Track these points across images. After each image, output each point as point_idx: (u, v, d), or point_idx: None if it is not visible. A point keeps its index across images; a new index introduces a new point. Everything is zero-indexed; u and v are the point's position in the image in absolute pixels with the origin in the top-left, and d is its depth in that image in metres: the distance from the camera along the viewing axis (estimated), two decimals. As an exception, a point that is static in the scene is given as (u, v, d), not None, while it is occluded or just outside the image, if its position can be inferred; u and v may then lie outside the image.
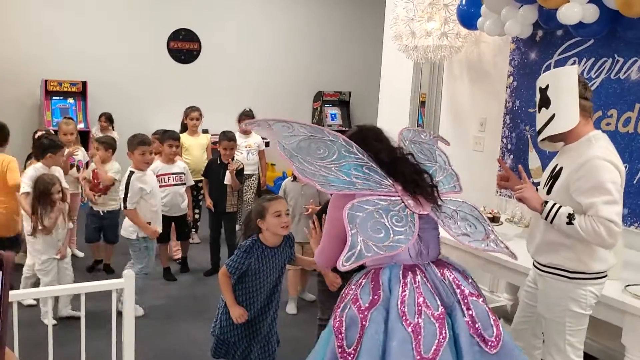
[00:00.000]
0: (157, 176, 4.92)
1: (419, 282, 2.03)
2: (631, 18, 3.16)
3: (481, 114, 4.68)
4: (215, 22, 8.40)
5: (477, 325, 1.99)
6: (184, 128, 5.94)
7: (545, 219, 2.44)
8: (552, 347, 2.55)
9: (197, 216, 5.95)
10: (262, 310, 2.88)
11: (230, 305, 2.79)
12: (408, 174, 2.15)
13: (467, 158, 4.78)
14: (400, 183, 2.12)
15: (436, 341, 1.91)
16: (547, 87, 2.53)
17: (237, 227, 5.48)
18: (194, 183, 5.25)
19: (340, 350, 1.96)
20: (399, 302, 1.97)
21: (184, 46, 8.29)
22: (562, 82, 2.49)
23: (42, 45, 7.45)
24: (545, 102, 2.53)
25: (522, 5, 3.63)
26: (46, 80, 7.32)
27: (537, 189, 2.68)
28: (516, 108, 4.35)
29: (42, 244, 3.90)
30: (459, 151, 4.92)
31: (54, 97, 7.41)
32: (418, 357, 1.87)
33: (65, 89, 7.41)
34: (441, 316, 1.96)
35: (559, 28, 3.79)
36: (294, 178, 4.25)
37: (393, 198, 2.08)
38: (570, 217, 2.33)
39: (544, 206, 2.44)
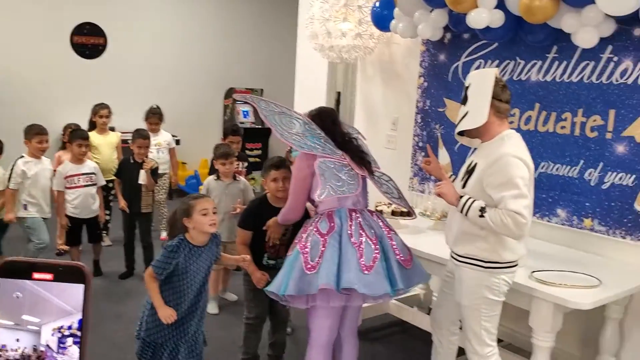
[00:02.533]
0: (66, 177, 4.75)
1: (359, 219, 2.82)
2: (532, 24, 3.41)
3: (393, 113, 4.85)
4: (121, 16, 8.11)
5: (396, 249, 2.82)
6: (92, 126, 5.71)
7: (461, 212, 2.60)
8: (469, 332, 2.72)
9: (107, 218, 5.77)
10: (190, 310, 2.86)
11: (159, 307, 2.74)
12: (354, 151, 2.98)
13: (380, 156, 4.89)
14: (349, 155, 2.93)
15: (373, 254, 2.70)
16: (469, 85, 2.70)
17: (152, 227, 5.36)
18: (105, 183, 5.09)
19: (305, 263, 2.66)
20: (347, 230, 2.74)
21: (88, 41, 7.94)
22: (480, 82, 2.65)
23: None
24: (465, 100, 2.69)
25: (433, 9, 3.81)
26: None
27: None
28: (427, 108, 4.55)
29: None
30: (372, 149, 5.07)
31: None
32: (362, 263, 2.64)
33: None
34: (375, 240, 2.77)
35: (468, 32, 4.01)
36: (218, 177, 4.23)
37: (344, 162, 2.90)
38: (482, 211, 2.49)
39: (460, 200, 2.60)
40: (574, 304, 2.71)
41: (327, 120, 3.00)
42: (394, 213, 3.84)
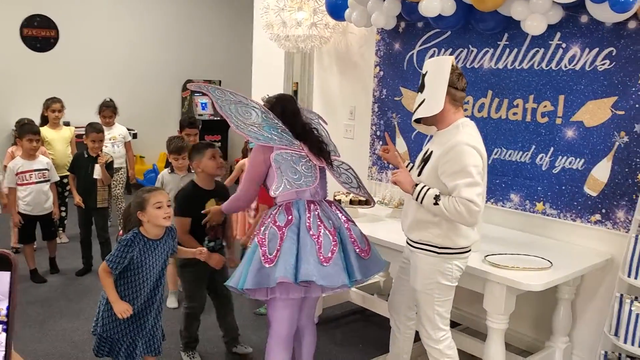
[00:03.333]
0: (17, 174, 4.64)
1: (318, 210, 2.82)
2: (483, 12, 3.46)
3: (351, 102, 4.87)
4: (73, 8, 7.90)
5: (354, 240, 2.84)
6: (45, 121, 5.56)
7: (416, 200, 2.63)
8: (423, 317, 2.77)
9: (63, 214, 5.65)
10: (146, 304, 2.83)
11: (114, 301, 2.71)
12: (313, 141, 2.91)
13: (339, 145, 4.92)
14: (307, 146, 2.87)
15: (331, 246, 2.71)
16: (426, 73, 2.71)
17: (109, 223, 5.27)
18: (59, 179, 4.97)
19: (264, 256, 2.66)
20: (306, 222, 2.74)
21: (39, 33, 7.71)
22: (436, 70, 2.67)
23: None
24: (422, 87, 2.71)
25: (386, -2, 3.83)
26: None
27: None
28: (384, 97, 4.58)
29: None
30: (332, 139, 5.10)
31: None
32: (320, 256, 2.65)
33: None
34: (333, 232, 2.77)
35: (421, 20, 4.05)
36: (172, 170, 4.18)
37: (302, 154, 2.85)
38: (437, 199, 2.52)
39: (415, 188, 2.63)
40: (526, 285, 2.78)
41: (287, 109, 2.93)
42: (352, 202, 3.86)
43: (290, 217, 2.75)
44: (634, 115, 3.21)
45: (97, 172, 4.72)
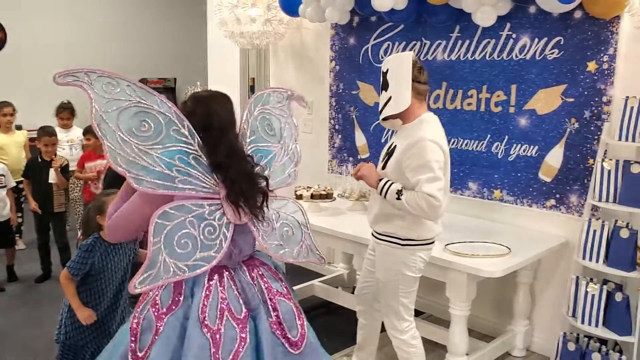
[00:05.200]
0: (-31, 181, 4.50)
1: (224, 284, 1.97)
2: (435, 5, 3.52)
3: (308, 97, 4.86)
4: (21, 9, 7.68)
5: (282, 326, 2.01)
6: (-4, 126, 5.42)
7: (380, 194, 2.67)
8: (388, 308, 2.81)
9: (20, 220, 5.51)
10: (110, 309, 2.80)
11: (77, 308, 2.67)
12: (239, 181, 1.95)
13: (299, 139, 4.96)
14: (227, 187, 1.94)
15: (236, 345, 1.88)
16: (387, 71, 2.73)
17: (67, 227, 5.16)
18: (15, 184, 4.85)
19: (132, 352, 1.89)
20: (200, 308, 1.90)
21: (-16, 35, 7.51)
22: (398, 67, 2.68)
23: None
24: (385, 85, 2.73)
25: (339, -7, 3.85)
26: None
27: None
28: (340, 91, 4.61)
29: None
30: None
31: None
32: None
33: None
34: (244, 320, 1.94)
35: (374, 14, 4.08)
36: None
37: (212, 203, 1.93)
38: (399, 193, 2.56)
39: (379, 183, 2.67)
40: (487, 272, 2.85)
41: (211, 119, 1.99)
42: (313, 196, 3.88)
43: (177, 297, 1.93)
44: (583, 102, 3.32)
45: (52, 176, 4.61)
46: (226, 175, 1.94)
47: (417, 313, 3.81)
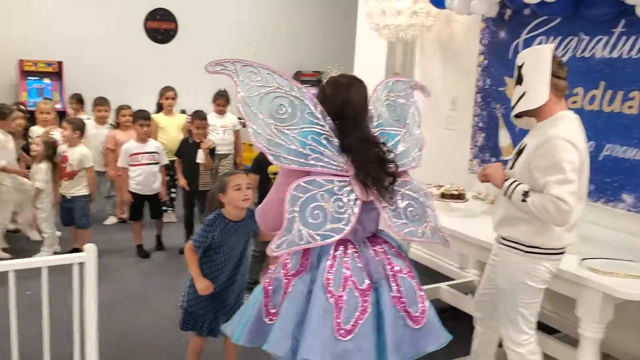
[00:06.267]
0: (130, 156, 4.95)
1: (349, 256, 2.05)
2: (593, -4, 3.20)
3: (453, 92, 4.71)
4: (192, 1, 8.32)
5: (403, 301, 2.06)
6: (160, 108, 5.92)
7: (505, 195, 2.49)
8: (506, 318, 2.62)
9: (173, 195, 5.97)
10: (228, 283, 2.92)
11: (196, 278, 2.83)
12: (368, 164, 2.03)
13: (439, 136, 4.82)
14: (355, 167, 2.03)
15: (357, 314, 1.97)
16: (522, 64, 2.56)
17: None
18: (168, 162, 5.25)
19: (266, 308, 2.09)
20: (325, 274, 2.00)
21: (160, 26, 8.23)
22: (535, 60, 2.51)
23: (17, 25, 7.37)
24: (519, 80, 2.56)
25: (488, -16, 3.65)
26: (21, 60, 7.26)
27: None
28: (487, 87, 4.39)
29: None
30: (431, 130, 4.95)
31: (29, 77, 7.34)
32: (337, 328, 1.94)
33: (41, 69, 7.36)
34: (366, 291, 2.01)
35: (524, 7, 3.82)
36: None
37: (341, 180, 2.02)
38: (525, 195, 2.37)
39: (504, 183, 2.49)
40: (625, 294, 2.54)
41: (344, 105, 2.07)
42: (444, 195, 3.73)
43: (305, 263, 2.07)
44: None
45: (201, 156, 4.93)
46: (355, 158, 2.04)
47: (551, 331, 3.53)
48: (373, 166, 2.04)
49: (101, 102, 5.98)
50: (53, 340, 2.51)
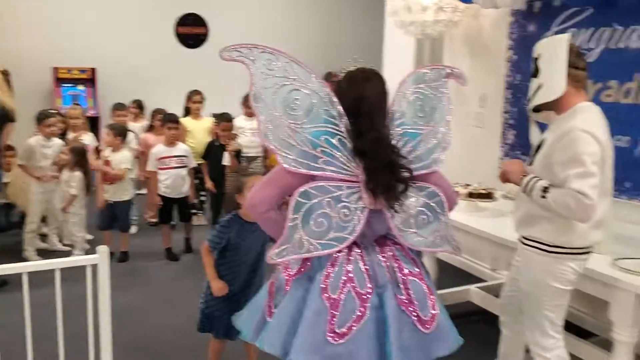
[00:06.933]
0: (158, 159, 4.97)
1: (351, 259, 1.97)
2: (625, -17, 3.05)
3: (481, 89, 4.58)
4: (222, 6, 8.38)
5: (413, 304, 1.97)
6: (187, 112, 5.94)
7: (524, 192, 2.38)
8: (531, 321, 2.50)
9: (203, 198, 5.98)
10: (246, 284, 2.88)
11: (211, 279, 2.81)
12: (380, 171, 1.91)
13: (467, 135, 4.70)
14: (367, 174, 1.91)
15: (354, 317, 1.89)
16: (539, 56, 2.47)
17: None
18: (196, 165, 5.26)
19: (268, 307, 2.07)
20: (324, 275, 1.94)
21: (191, 31, 8.30)
22: (551, 51, 2.41)
23: (51, 33, 7.56)
24: (536, 72, 2.47)
25: (514, -25, 3.53)
26: (56, 68, 7.43)
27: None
28: (517, 82, 4.25)
29: None
30: (460, 128, 4.84)
31: (64, 84, 7.52)
32: (329, 330, 1.87)
33: (75, 76, 7.53)
34: (366, 295, 1.93)
35: (554, -3, 3.68)
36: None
37: (350, 186, 1.92)
38: (545, 191, 2.26)
39: (522, 180, 2.39)
40: (660, 296, 2.40)
41: (361, 102, 1.94)
42: (471, 195, 3.61)
43: (305, 264, 2.02)
44: None
45: (227, 159, 4.93)
46: (368, 163, 1.92)
47: (587, 334, 3.38)
48: (384, 173, 1.91)
49: (119, 107, 6.03)
50: (70, 342, 2.51)
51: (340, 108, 1.93)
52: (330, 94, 1.93)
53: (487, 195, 3.63)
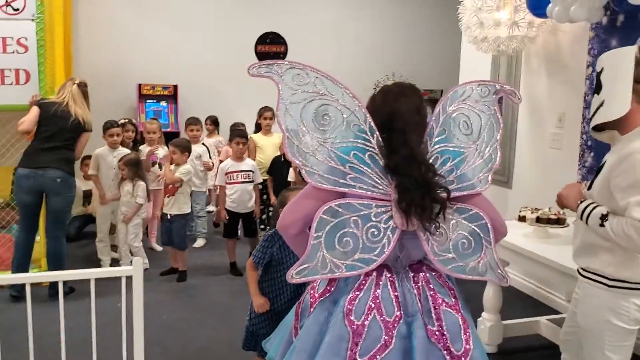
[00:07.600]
0: (226, 174, 5.02)
1: (381, 283, 1.84)
2: None
3: (559, 108, 4.32)
4: (300, 25, 8.49)
5: (445, 337, 1.81)
6: (258, 128, 6.00)
7: (580, 219, 2.17)
8: (591, 360, 2.26)
9: (271, 214, 5.98)
10: (291, 302, 2.78)
11: (253, 295, 2.77)
12: (413, 190, 1.76)
13: (543, 156, 4.44)
14: (399, 193, 1.78)
15: (378, 346, 1.76)
16: (602, 70, 2.26)
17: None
18: (262, 180, 5.28)
19: (295, 329, 2.02)
20: (348, 300, 1.82)
21: (271, 49, 8.45)
22: (616, 65, 2.19)
23: (137, 52, 7.92)
24: (598, 87, 2.25)
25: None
26: (140, 85, 7.76)
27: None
28: (597, 102, 3.96)
29: None
30: (535, 149, 4.58)
31: (147, 100, 7.84)
32: (349, 358, 1.75)
33: (158, 93, 7.84)
34: (393, 324, 1.79)
35: (634, 11, 3.40)
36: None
37: (381, 205, 1.80)
38: (603, 219, 2.05)
39: (579, 206, 2.18)
40: None
41: (394, 118, 1.84)
42: (539, 220, 3.37)
43: (329, 287, 1.93)
44: None
45: (291, 175, 4.91)
46: (400, 181, 1.78)
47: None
48: (418, 192, 1.76)
49: (193, 122, 6.17)
50: (109, 353, 2.52)
51: (372, 124, 1.83)
52: (364, 110, 1.84)
53: (558, 221, 3.37)
